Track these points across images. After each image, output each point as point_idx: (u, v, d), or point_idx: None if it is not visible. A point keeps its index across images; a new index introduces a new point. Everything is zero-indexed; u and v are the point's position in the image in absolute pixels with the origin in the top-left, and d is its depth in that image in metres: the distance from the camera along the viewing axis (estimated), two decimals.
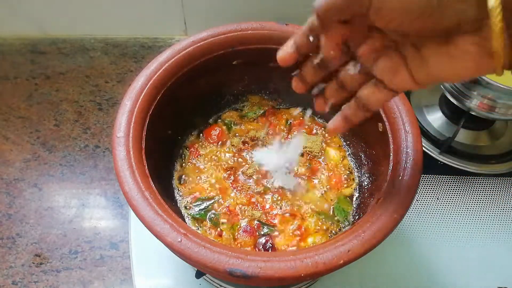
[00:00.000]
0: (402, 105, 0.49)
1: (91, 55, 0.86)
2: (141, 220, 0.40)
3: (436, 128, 0.74)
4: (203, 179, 0.57)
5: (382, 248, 0.42)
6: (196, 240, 0.39)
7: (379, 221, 0.41)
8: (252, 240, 0.52)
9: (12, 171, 0.71)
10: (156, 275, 0.59)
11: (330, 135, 0.61)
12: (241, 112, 0.64)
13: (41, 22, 0.86)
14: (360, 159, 0.58)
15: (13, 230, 0.65)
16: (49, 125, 0.77)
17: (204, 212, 0.54)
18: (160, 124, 0.52)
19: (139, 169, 0.43)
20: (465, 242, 0.64)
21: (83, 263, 0.62)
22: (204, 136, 0.61)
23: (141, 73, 0.50)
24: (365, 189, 0.55)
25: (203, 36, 0.53)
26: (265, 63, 0.59)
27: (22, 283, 0.61)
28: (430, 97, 0.78)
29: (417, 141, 0.46)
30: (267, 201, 0.55)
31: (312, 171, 0.58)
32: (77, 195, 0.69)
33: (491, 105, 0.63)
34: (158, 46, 0.89)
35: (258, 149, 0.60)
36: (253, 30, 0.54)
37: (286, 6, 0.83)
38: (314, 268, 0.38)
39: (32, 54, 0.86)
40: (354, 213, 0.55)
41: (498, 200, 0.68)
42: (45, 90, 0.81)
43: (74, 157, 0.73)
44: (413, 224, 0.65)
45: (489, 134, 0.74)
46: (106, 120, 0.78)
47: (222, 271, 0.37)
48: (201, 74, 0.56)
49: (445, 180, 0.69)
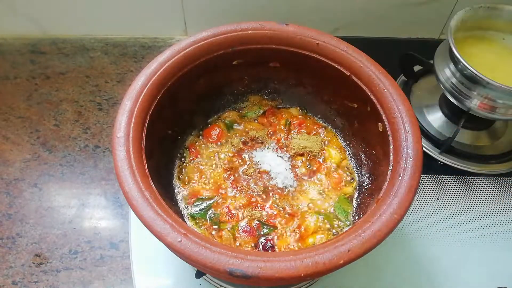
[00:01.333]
0: (402, 105, 0.49)
1: (91, 55, 0.86)
2: (141, 220, 0.40)
3: (436, 128, 0.74)
4: (203, 179, 0.57)
5: (382, 248, 0.42)
6: (196, 240, 0.39)
7: (379, 221, 0.41)
8: (252, 240, 0.52)
9: (12, 171, 0.71)
10: (156, 275, 0.59)
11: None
12: (241, 112, 0.64)
13: (41, 22, 0.86)
14: (360, 159, 0.58)
15: (13, 230, 0.65)
16: (49, 125, 0.77)
17: (204, 212, 0.54)
18: (160, 124, 0.52)
19: (139, 169, 0.43)
20: (465, 242, 0.63)
21: (83, 263, 0.62)
22: (204, 136, 0.61)
23: (141, 73, 0.50)
24: (365, 189, 0.55)
25: (203, 36, 0.53)
26: (265, 63, 0.59)
27: (22, 283, 0.60)
28: (430, 97, 0.78)
29: (417, 141, 0.46)
30: (267, 201, 0.55)
31: (312, 171, 0.58)
32: (77, 195, 0.69)
33: (491, 105, 0.63)
34: (158, 46, 0.89)
35: (258, 149, 0.60)
36: (253, 30, 0.54)
37: (286, 6, 0.83)
38: (314, 268, 0.38)
39: (32, 54, 0.86)
40: (354, 213, 0.55)
41: (498, 200, 0.68)
42: (45, 90, 0.81)
43: (74, 157, 0.73)
44: (413, 224, 0.65)
45: (489, 134, 0.74)
46: (106, 120, 0.77)
47: (222, 271, 0.37)
48: (201, 74, 0.56)
49: (445, 180, 0.69)
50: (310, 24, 0.57)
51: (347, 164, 0.59)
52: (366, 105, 0.53)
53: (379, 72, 0.51)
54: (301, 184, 0.57)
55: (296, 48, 0.55)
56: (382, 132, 0.50)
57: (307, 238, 0.53)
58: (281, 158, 0.59)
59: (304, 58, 0.55)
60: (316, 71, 0.56)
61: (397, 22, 0.87)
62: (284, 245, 0.52)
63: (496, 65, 0.67)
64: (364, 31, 0.88)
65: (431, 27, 0.89)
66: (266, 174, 0.57)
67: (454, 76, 0.65)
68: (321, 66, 0.55)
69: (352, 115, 0.58)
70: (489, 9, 0.67)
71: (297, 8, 0.83)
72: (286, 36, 0.55)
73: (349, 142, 0.61)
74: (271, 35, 0.55)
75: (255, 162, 0.58)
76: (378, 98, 0.51)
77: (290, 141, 0.60)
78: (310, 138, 0.60)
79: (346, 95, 0.57)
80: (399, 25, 0.88)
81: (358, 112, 0.56)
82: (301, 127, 0.62)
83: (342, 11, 0.84)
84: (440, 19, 0.87)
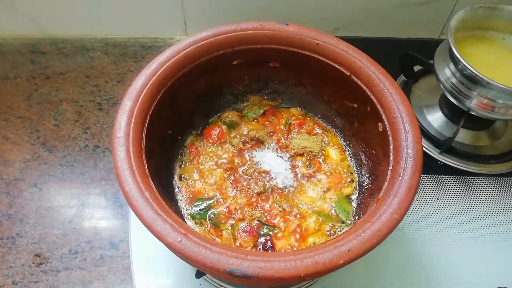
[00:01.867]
0: (402, 105, 0.49)
1: (91, 55, 0.86)
2: (141, 220, 0.40)
3: (436, 128, 0.74)
4: (203, 179, 0.57)
5: (382, 248, 0.42)
6: (196, 240, 0.39)
7: (379, 221, 0.41)
8: (252, 240, 0.52)
9: (12, 171, 0.71)
10: (156, 275, 0.59)
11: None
12: (241, 112, 0.64)
13: (41, 22, 0.86)
14: (360, 159, 0.58)
15: (13, 230, 0.65)
16: (49, 125, 0.77)
17: (204, 212, 0.54)
18: (160, 124, 0.52)
19: (139, 169, 0.43)
20: (465, 242, 0.63)
21: (83, 263, 0.62)
22: (204, 136, 0.61)
23: (141, 73, 0.50)
24: (365, 189, 0.55)
25: (203, 36, 0.53)
26: (265, 63, 0.59)
27: (22, 283, 0.61)
28: (430, 97, 0.78)
29: (417, 141, 0.46)
30: (267, 201, 0.55)
31: (312, 171, 0.58)
32: (77, 195, 0.69)
33: (491, 105, 0.63)
34: (158, 46, 0.89)
35: (258, 149, 0.60)
36: (253, 30, 0.54)
37: (286, 6, 0.83)
38: (314, 268, 0.38)
39: (32, 54, 0.86)
40: (354, 213, 0.55)
41: (498, 200, 0.67)
42: (45, 90, 0.81)
43: (74, 157, 0.73)
44: (413, 224, 0.65)
45: (489, 134, 0.74)
46: (106, 120, 0.77)
47: (222, 271, 0.37)
48: (201, 74, 0.56)
49: (445, 180, 0.69)
50: (310, 24, 0.57)
51: (347, 164, 0.59)
52: (366, 105, 0.53)
53: (379, 72, 0.51)
54: (301, 184, 0.57)
55: (296, 48, 0.55)
56: (382, 132, 0.50)
57: (307, 238, 0.53)
58: (281, 158, 0.59)
59: (304, 58, 0.55)
60: (316, 71, 0.56)
61: (397, 22, 0.87)
62: (284, 245, 0.52)
63: (496, 65, 0.67)
64: (364, 31, 0.88)
65: (431, 27, 0.89)
66: (266, 174, 0.57)
67: (454, 76, 0.65)
68: (321, 66, 0.55)
69: (352, 115, 0.58)
70: (489, 9, 0.67)
71: (297, 8, 0.83)
72: (286, 36, 0.55)
73: (349, 142, 0.61)
74: (271, 35, 0.55)
75: (255, 162, 0.58)
76: (378, 98, 0.51)
77: (290, 141, 0.60)
78: (310, 138, 0.60)
79: (346, 95, 0.57)
80: (399, 25, 0.88)
81: (358, 112, 0.56)
82: (301, 127, 0.62)
83: (342, 11, 0.84)
84: (440, 19, 0.87)
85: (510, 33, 0.69)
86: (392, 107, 0.49)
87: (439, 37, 0.91)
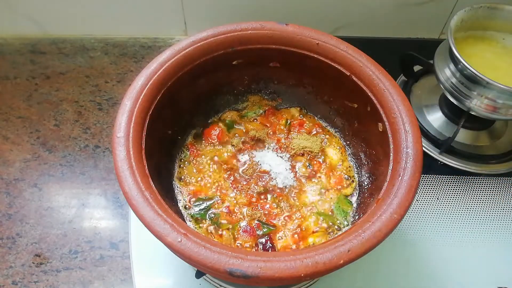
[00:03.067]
0: (402, 105, 0.49)
1: (91, 55, 0.86)
2: (141, 220, 0.40)
3: (436, 128, 0.74)
4: (203, 179, 0.57)
5: (382, 248, 0.42)
6: (196, 240, 0.39)
7: (379, 221, 0.41)
8: (252, 240, 0.52)
9: (12, 171, 0.71)
10: (156, 275, 0.59)
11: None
12: (241, 112, 0.64)
13: (41, 22, 0.86)
14: (360, 159, 0.58)
15: (13, 230, 0.65)
16: (49, 125, 0.77)
17: (204, 212, 0.54)
18: (160, 124, 0.52)
19: (139, 169, 0.43)
20: (465, 242, 0.63)
21: (83, 263, 0.62)
22: (204, 136, 0.61)
23: (141, 73, 0.50)
24: (365, 189, 0.55)
25: (203, 36, 0.53)
26: (265, 63, 0.59)
27: (22, 283, 0.60)
28: (430, 97, 0.78)
29: (417, 141, 0.46)
30: (267, 201, 0.55)
31: (312, 171, 0.58)
32: (77, 195, 0.69)
33: (491, 105, 0.63)
34: (158, 46, 0.89)
35: (258, 149, 0.60)
36: (253, 30, 0.54)
37: (286, 6, 0.83)
38: (314, 268, 0.38)
39: (32, 54, 0.86)
40: (354, 213, 0.55)
41: (498, 200, 0.67)
42: (45, 90, 0.81)
43: (74, 157, 0.73)
44: (413, 224, 0.65)
45: (489, 134, 0.74)
46: (106, 120, 0.77)
47: (222, 271, 0.37)
48: (201, 74, 0.56)
49: (445, 180, 0.69)
50: (310, 24, 0.57)
51: (347, 164, 0.59)
52: (366, 105, 0.53)
53: (379, 72, 0.51)
54: (301, 184, 0.57)
55: (296, 48, 0.55)
56: (382, 132, 0.50)
57: (307, 238, 0.53)
58: (281, 158, 0.59)
59: (304, 58, 0.55)
60: (316, 71, 0.56)
61: (397, 22, 0.87)
62: (284, 245, 0.52)
63: (496, 65, 0.67)
64: (364, 31, 0.88)
65: (431, 27, 0.89)
66: (266, 174, 0.57)
67: (454, 76, 0.65)
68: (321, 66, 0.55)
69: (352, 115, 0.58)
70: (489, 9, 0.67)
71: (297, 8, 0.83)
72: (286, 36, 0.55)
73: (349, 142, 0.61)
74: (271, 35, 0.55)
75: (255, 162, 0.58)
76: (378, 98, 0.51)
77: (290, 141, 0.60)
78: (310, 138, 0.60)
79: (346, 95, 0.57)
80: (399, 25, 0.88)
81: (358, 112, 0.56)
82: (301, 127, 0.62)
83: (342, 11, 0.84)
84: (440, 19, 0.87)
85: (510, 33, 0.69)
86: (392, 107, 0.49)
87: (439, 37, 0.91)
